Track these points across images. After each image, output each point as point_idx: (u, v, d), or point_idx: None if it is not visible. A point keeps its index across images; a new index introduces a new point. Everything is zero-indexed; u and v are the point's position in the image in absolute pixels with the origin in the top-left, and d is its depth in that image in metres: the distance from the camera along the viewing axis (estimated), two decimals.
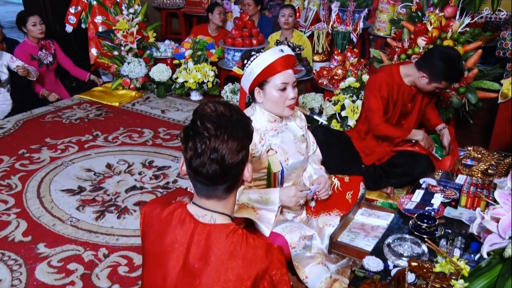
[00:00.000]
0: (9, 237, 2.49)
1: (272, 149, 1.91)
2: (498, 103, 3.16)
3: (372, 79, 2.66)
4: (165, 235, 1.18)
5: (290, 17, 4.32)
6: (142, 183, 3.06)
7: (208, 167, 1.09)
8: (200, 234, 1.14)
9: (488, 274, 1.18)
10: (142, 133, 3.80)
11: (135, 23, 4.62)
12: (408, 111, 2.71)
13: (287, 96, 1.87)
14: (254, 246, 1.12)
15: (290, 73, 1.89)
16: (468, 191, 1.92)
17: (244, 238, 1.13)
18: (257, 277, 1.10)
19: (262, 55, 1.86)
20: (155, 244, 1.21)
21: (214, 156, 1.08)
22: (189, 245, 1.14)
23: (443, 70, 2.40)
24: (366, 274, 1.49)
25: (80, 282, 2.18)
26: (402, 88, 2.60)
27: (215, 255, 1.11)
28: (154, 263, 1.21)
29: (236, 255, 1.11)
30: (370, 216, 2.04)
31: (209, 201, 1.17)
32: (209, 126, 1.09)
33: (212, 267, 1.11)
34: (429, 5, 3.31)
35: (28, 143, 3.58)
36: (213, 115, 1.12)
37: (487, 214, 1.23)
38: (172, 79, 4.64)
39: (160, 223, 1.20)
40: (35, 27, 4.11)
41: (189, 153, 1.11)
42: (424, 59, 2.50)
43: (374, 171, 2.71)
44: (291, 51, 1.91)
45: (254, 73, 1.86)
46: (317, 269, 1.89)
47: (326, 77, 3.92)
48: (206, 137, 1.08)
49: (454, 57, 2.42)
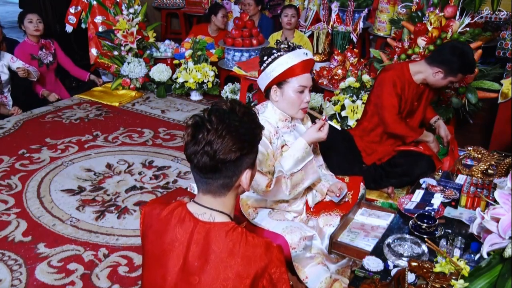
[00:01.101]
0: (9, 237, 2.49)
1: (287, 145, 1.94)
2: (498, 103, 3.16)
3: (384, 76, 2.63)
4: (165, 234, 1.18)
5: (293, 17, 4.33)
6: (142, 183, 3.06)
7: (200, 157, 1.11)
8: (200, 232, 1.15)
9: (488, 274, 1.18)
10: (142, 133, 3.81)
11: (135, 23, 4.62)
12: (414, 109, 2.71)
13: (303, 99, 1.91)
14: (253, 244, 1.13)
15: (309, 77, 1.92)
16: (468, 191, 1.92)
17: (243, 237, 1.13)
18: (256, 275, 1.10)
19: (286, 55, 1.87)
20: (155, 244, 1.21)
21: (207, 148, 1.09)
22: (189, 243, 1.15)
23: (457, 63, 2.44)
24: (366, 274, 1.49)
25: (80, 282, 2.18)
26: (412, 86, 2.61)
27: (214, 253, 1.12)
28: (154, 263, 1.21)
29: (235, 253, 1.11)
30: (370, 216, 2.04)
31: (205, 197, 1.18)
32: (213, 120, 1.11)
33: (212, 265, 1.12)
34: (429, 5, 3.31)
35: (28, 143, 3.58)
36: (223, 111, 1.13)
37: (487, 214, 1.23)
38: (172, 79, 4.64)
39: (160, 223, 1.21)
40: (31, 24, 4.11)
41: (186, 138, 1.14)
42: (437, 54, 2.52)
43: (375, 171, 2.71)
44: (312, 55, 1.95)
45: (275, 72, 1.88)
46: (317, 269, 1.90)
47: (326, 77, 3.92)
48: (207, 129, 1.10)
49: (467, 49, 2.48)
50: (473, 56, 2.51)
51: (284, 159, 1.88)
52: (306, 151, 1.87)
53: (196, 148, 1.11)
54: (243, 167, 1.16)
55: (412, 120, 2.75)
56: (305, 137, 1.89)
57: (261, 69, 1.93)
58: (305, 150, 1.87)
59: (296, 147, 1.88)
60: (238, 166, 1.14)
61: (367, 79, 3.44)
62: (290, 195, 1.91)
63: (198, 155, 1.11)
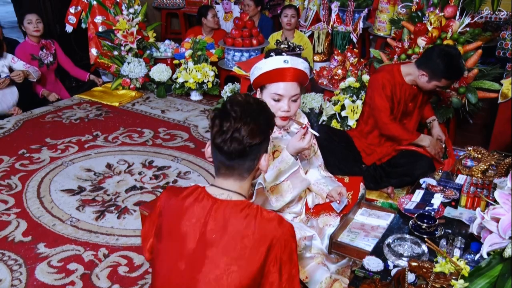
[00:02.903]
0: (9, 237, 2.49)
1: (278, 151, 1.91)
2: (498, 103, 3.16)
3: (374, 78, 2.65)
4: (183, 212, 1.27)
5: (292, 17, 4.32)
6: (142, 183, 3.06)
7: (229, 143, 1.22)
8: (217, 209, 1.25)
9: (488, 274, 1.19)
10: (142, 133, 3.81)
11: (135, 23, 4.62)
12: (410, 111, 2.71)
13: (280, 108, 1.83)
14: (268, 218, 1.23)
15: (289, 86, 1.82)
16: (468, 191, 1.92)
17: (258, 211, 1.24)
18: (271, 244, 1.20)
19: (267, 59, 1.83)
20: (172, 221, 1.29)
21: (236, 135, 1.22)
22: (206, 220, 1.24)
23: (442, 68, 2.40)
24: (366, 274, 1.49)
25: (80, 282, 2.18)
26: (404, 87, 2.60)
27: (232, 226, 1.22)
28: (171, 238, 1.29)
29: (251, 225, 1.21)
30: (370, 216, 2.04)
31: (227, 181, 1.29)
32: (236, 109, 1.24)
33: (230, 236, 1.21)
34: (429, 5, 3.31)
35: (28, 143, 3.58)
36: (241, 102, 1.27)
37: (487, 214, 1.24)
38: (172, 79, 4.64)
39: (179, 202, 1.30)
40: (30, 24, 4.11)
41: (214, 129, 1.25)
42: (424, 57, 2.51)
43: (375, 171, 2.71)
44: (300, 65, 1.84)
45: (253, 74, 1.86)
46: (317, 269, 1.89)
47: (326, 77, 3.92)
48: (233, 117, 1.23)
49: (453, 55, 2.42)
50: (459, 61, 2.45)
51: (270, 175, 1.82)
52: (289, 162, 1.79)
53: (225, 136, 1.22)
54: (262, 150, 1.30)
55: (408, 121, 2.74)
56: (288, 148, 1.80)
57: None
58: (287, 162, 1.79)
59: (279, 158, 1.82)
60: (260, 150, 1.28)
61: (367, 79, 3.43)
62: (277, 205, 1.85)
63: (228, 142, 1.22)
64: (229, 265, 1.19)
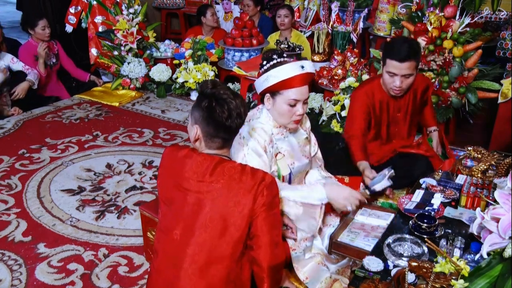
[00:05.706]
0: (9, 237, 2.49)
1: (280, 152, 1.91)
2: (498, 103, 3.16)
3: (355, 96, 2.58)
4: (180, 168, 1.52)
5: (286, 17, 4.32)
6: (142, 183, 3.06)
7: (236, 120, 1.49)
8: (212, 162, 1.50)
9: (488, 274, 1.19)
10: (142, 133, 3.81)
11: (135, 23, 4.61)
12: (398, 120, 2.63)
13: (295, 112, 1.85)
14: (256, 169, 1.53)
15: (305, 90, 1.86)
16: (468, 191, 1.92)
17: (248, 165, 1.54)
18: (260, 181, 1.48)
19: (281, 67, 1.80)
20: (171, 177, 1.55)
21: (238, 111, 1.48)
22: (204, 173, 1.50)
23: (384, 50, 2.42)
24: (366, 274, 1.49)
25: (80, 282, 2.18)
26: (384, 102, 2.53)
27: (228, 173, 1.49)
28: (173, 195, 1.54)
29: (245, 172, 1.49)
30: (370, 216, 2.04)
31: (218, 151, 1.55)
32: (226, 91, 1.48)
33: (225, 181, 1.48)
34: (429, 5, 3.31)
35: (28, 143, 3.58)
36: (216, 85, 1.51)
37: (487, 214, 1.23)
38: (172, 79, 4.64)
39: (177, 161, 1.55)
40: (44, 31, 4.15)
41: (223, 116, 1.46)
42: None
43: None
44: (312, 68, 1.87)
45: (268, 82, 1.82)
46: (317, 269, 1.90)
47: (326, 77, 3.92)
48: (229, 98, 1.48)
49: (395, 38, 2.47)
50: (400, 41, 2.37)
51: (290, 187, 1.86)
52: (317, 199, 1.84)
53: (233, 117, 1.47)
54: None
55: (400, 128, 2.65)
56: (329, 192, 1.85)
57: (259, 73, 1.91)
58: (316, 199, 1.84)
59: (313, 189, 1.86)
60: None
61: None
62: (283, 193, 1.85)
63: (234, 119, 1.48)
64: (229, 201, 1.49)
